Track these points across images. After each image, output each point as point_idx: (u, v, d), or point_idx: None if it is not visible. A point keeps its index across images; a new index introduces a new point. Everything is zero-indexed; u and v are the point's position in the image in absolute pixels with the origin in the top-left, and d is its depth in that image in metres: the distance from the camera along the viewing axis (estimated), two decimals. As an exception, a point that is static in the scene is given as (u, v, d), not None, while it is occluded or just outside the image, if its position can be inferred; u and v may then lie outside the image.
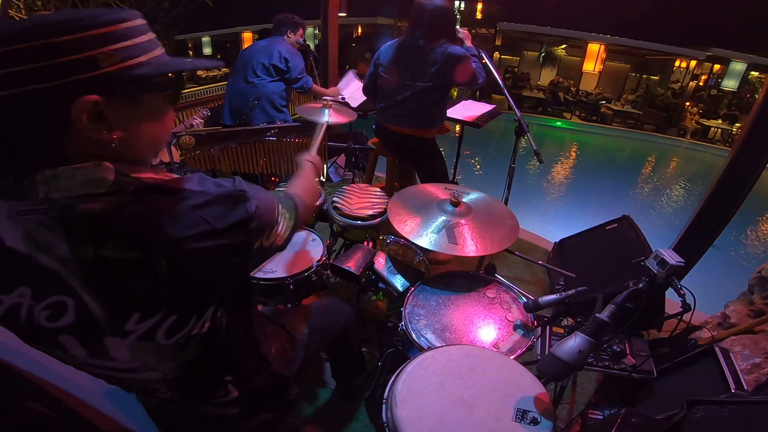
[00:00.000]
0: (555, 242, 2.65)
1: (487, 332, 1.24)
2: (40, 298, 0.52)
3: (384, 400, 0.93)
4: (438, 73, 1.93)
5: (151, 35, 0.55)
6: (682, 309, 0.93)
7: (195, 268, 0.55)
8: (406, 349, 1.30)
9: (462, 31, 2.03)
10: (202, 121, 2.88)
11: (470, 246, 1.31)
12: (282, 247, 0.72)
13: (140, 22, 0.54)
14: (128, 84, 0.52)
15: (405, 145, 2.23)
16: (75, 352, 0.58)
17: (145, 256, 0.51)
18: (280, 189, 0.80)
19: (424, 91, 1.99)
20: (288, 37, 2.80)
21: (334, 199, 1.85)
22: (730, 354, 1.40)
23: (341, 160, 3.76)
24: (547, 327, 1.28)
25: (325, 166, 2.24)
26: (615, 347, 1.19)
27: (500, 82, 1.92)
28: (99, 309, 0.53)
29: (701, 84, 12.32)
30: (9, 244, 0.50)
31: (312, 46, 3.07)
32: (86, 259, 0.50)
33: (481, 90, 11.89)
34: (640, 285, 0.94)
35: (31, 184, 0.49)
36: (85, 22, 0.47)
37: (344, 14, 4.17)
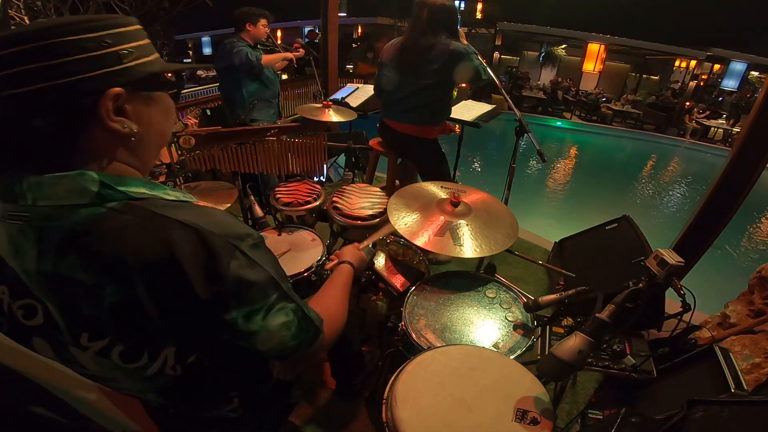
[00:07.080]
0: (555, 242, 2.65)
1: (487, 332, 1.24)
2: (16, 298, 0.53)
3: (384, 400, 0.93)
4: (440, 70, 1.92)
5: (148, 40, 0.58)
6: (682, 309, 0.92)
7: (144, 303, 0.51)
8: (406, 349, 1.30)
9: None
10: (196, 121, 2.88)
11: (472, 247, 1.31)
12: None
13: (139, 26, 0.57)
14: (146, 80, 0.55)
15: (407, 144, 2.23)
16: (50, 357, 0.58)
17: (95, 281, 0.50)
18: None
19: (427, 89, 1.99)
20: (248, 31, 2.63)
21: (334, 199, 1.85)
22: (730, 354, 1.40)
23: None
24: (547, 327, 1.28)
25: (325, 166, 2.23)
26: (615, 347, 1.19)
27: (497, 82, 1.94)
28: (60, 319, 0.53)
29: (701, 84, 12.33)
30: None
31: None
32: (45, 273, 0.51)
33: (482, 90, 11.89)
34: (640, 285, 0.94)
35: (20, 189, 0.50)
36: (102, 23, 0.50)
37: (344, 14, 4.15)
